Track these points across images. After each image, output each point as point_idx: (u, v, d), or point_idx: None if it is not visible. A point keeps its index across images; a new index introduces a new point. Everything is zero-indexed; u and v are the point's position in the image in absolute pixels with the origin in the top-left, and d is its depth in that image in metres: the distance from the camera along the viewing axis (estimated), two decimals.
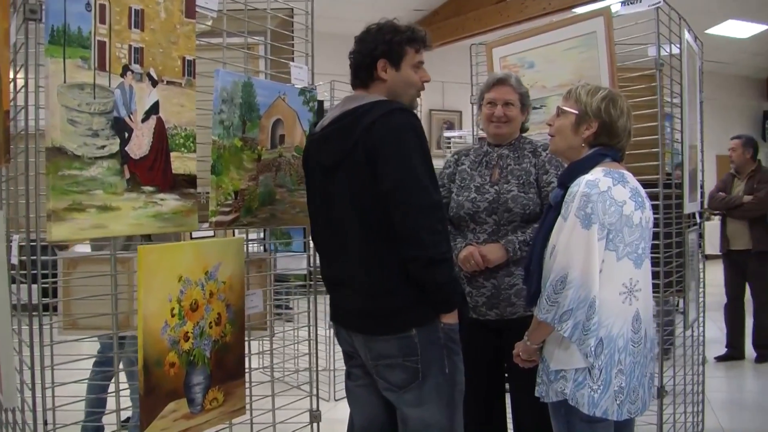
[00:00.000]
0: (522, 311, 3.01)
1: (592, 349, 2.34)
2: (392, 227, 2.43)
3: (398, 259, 2.45)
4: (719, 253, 6.61)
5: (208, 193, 2.88)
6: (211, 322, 2.74)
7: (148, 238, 3.48)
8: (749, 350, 6.37)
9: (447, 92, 11.97)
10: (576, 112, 2.51)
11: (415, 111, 2.68)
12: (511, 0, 9.67)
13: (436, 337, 2.52)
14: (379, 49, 2.61)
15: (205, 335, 2.72)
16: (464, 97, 4.70)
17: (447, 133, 11.23)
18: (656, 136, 3.50)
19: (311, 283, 3.52)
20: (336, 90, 5.37)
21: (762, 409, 5.18)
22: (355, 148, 2.49)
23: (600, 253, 2.33)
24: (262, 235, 4.58)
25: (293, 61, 3.42)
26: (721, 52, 13.10)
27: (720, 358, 6.34)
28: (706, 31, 11.91)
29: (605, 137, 2.49)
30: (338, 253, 2.65)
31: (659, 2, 3.40)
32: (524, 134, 3.33)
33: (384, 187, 2.43)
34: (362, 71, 2.66)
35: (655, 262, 2.64)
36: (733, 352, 6.35)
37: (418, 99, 2.79)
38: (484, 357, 3.19)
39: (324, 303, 3.29)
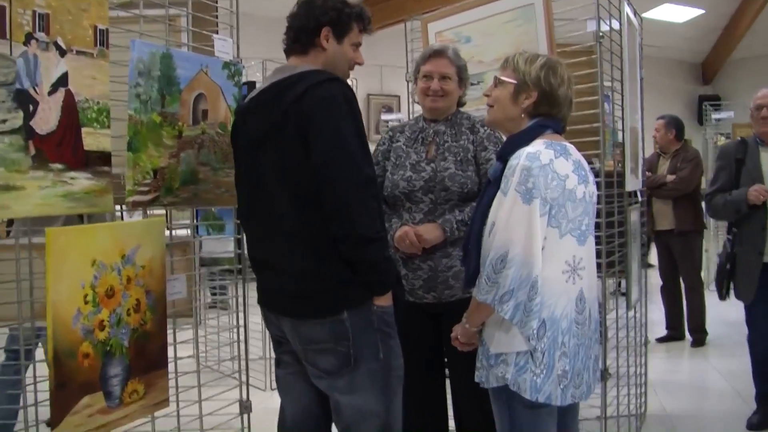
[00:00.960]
0: (461, 294, 2.89)
1: (535, 331, 2.21)
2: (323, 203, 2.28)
3: (329, 237, 2.31)
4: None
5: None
6: (129, 309, 2.58)
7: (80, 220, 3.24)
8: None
9: (385, 76, 11.81)
10: (514, 81, 2.37)
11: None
12: None
13: (369, 320, 2.39)
14: (328, 15, 2.48)
15: (122, 323, 2.56)
16: (402, 81, 4.57)
17: (385, 117, 11.09)
18: (596, 110, 3.41)
19: (239, 267, 3.35)
20: (268, 71, 5.17)
21: (701, 389, 5.18)
22: (285, 119, 2.34)
23: (542, 230, 2.20)
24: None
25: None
26: (657, 36, 13.14)
27: (661, 339, 6.33)
28: (643, 15, 11.87)
29: (546, 107, 2.36)
30: (266, 231, 2.49)
31: None
32: (462, 109, 3.18)
33: (314, 161, 2.29)
34: (304, 35, 2.50)
35: (596, 242, 2.52)
36: (673, 333, 6.34)
37: (352, 81, 2.63)
38: (422, 341, 3.07)
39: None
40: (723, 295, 4.18)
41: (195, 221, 3.97)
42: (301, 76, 2.38)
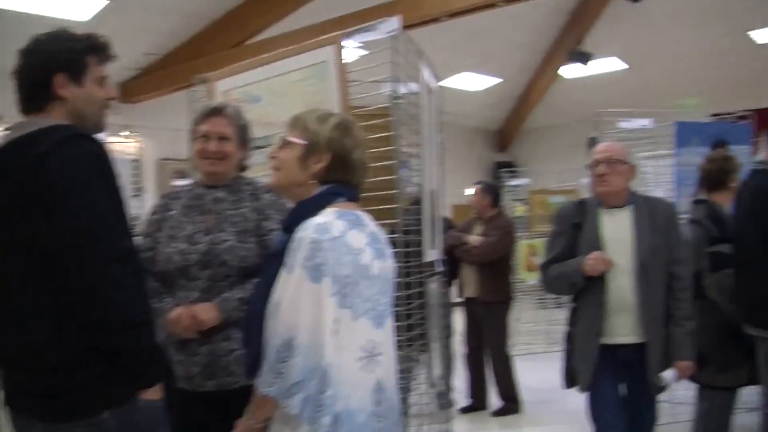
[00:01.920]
0: (245, 380, 2.54)
1: (328, 429, 1.90)
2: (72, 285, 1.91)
3: (81, 324, 1.93)
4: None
5: None
6: None
7: None
8: (493, 400, 6.23)
9: (179, 140, 11.33)
10: (304, 142, 2.11)
11: (101, 134, 2.16)
12: (248, 44, 9.32)
13: (134, 419, 2.03)
14: (56, 60, 2.10)
15: None
16: None
17: (176, 183, 10.62)
18: (393, 176, 3.23)
19: None
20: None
21: None
22: (22, 188, 1.96)
23: (333, 312, 1.92)
24: None
25: None
26: (456, 104, 13.55)
27: (464, 409, 6.18)
28: (442, 84, 12.20)
29: (339, 172, 2.11)
30: (4, 320, 2.07)
31: (396, 30, 3.13)
32: (246, 175, 2.89)
33: (60, 235, 1.91)
34: (36, 90, 2.12)
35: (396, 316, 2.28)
36: (476, 403, 6.20)
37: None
38: None
39: None
40: (568, 383, 3.50)
41: None
42: (43, 133, 2.01)
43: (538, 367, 7.35)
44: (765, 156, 3.68)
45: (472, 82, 13.39)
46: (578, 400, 3.32)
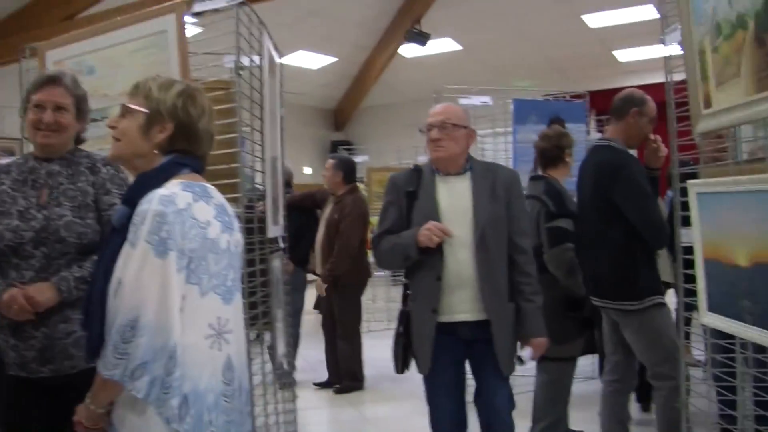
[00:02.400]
0: (85, 364, 2.39)
1: (176, 411, 1.81)
2: None
3: None
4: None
5: None
6: None
7: None
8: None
9: (6, 118, 10.66)
10: (146, 110, 1.99)
11: None
12: (79, 18, 8.83)
13: None
14: None
15: None
16: None
17: (3, 161, 9.98)
18: (235, 150, 3.14)
19: None
20: None
21: None
22: None
23: (180, 288, 1.83)
24: None
25: None
26: (292, 83, 13.38)
27: (320, 385, 6.18)
28: (278, 61, 12.07)
29: (183, 142, 2.01)
30: None
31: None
32: (81, 147, 2.73)
33: None
34: None
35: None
36: (332, 378, 6.18)
37: None
38: (37, 426, 2.52)
39: None
40: (399, 368, 3.21)
41: None
42: None
43: (383, 344, 7.45)
44: (609, 133, 3.80)
45: (308, 60, 13.32)
46: (420, 377, 3.27)
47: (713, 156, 3.33)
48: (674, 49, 3.06)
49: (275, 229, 3.79)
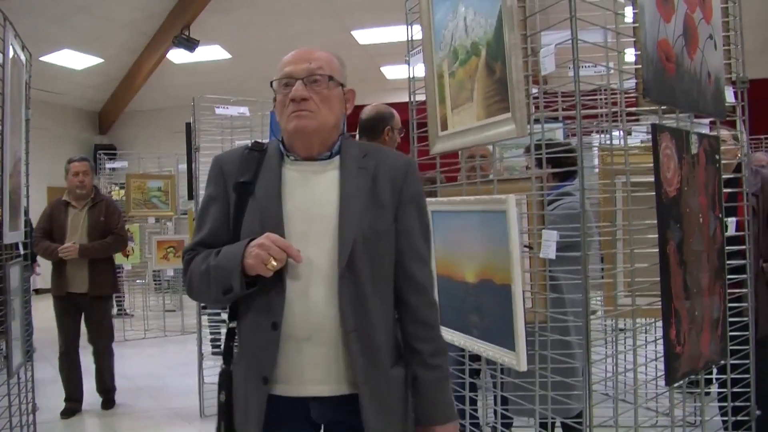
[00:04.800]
0: None
1: None
2: None
3: None
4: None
5: None
6: None
7: None
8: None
9: None
10: None
11: None
12: None
13: None
14: None
15: None
16: None
17: None
18: None
19: None
20: None
21: None
22: None
23: None
24: None
25: None
26: (55, 82, 12.82)
27: (65, 413, 5.52)
28: (41, 59, 11.52)
29: None
30: None
31: None
32: None
33: None
34: None
35: None
36: (74, 406, 5.57)
37: None
38: None
39: None
40: None
41: None
42: None
43: (134, 353, 7.28)
44: None
45: (72, 59, 12.77)
46: (176, 383, 3.02)
47: (468, 174, 3.34)
48: (420, 70, 3.19)
49: (13, 236, 3.61)
